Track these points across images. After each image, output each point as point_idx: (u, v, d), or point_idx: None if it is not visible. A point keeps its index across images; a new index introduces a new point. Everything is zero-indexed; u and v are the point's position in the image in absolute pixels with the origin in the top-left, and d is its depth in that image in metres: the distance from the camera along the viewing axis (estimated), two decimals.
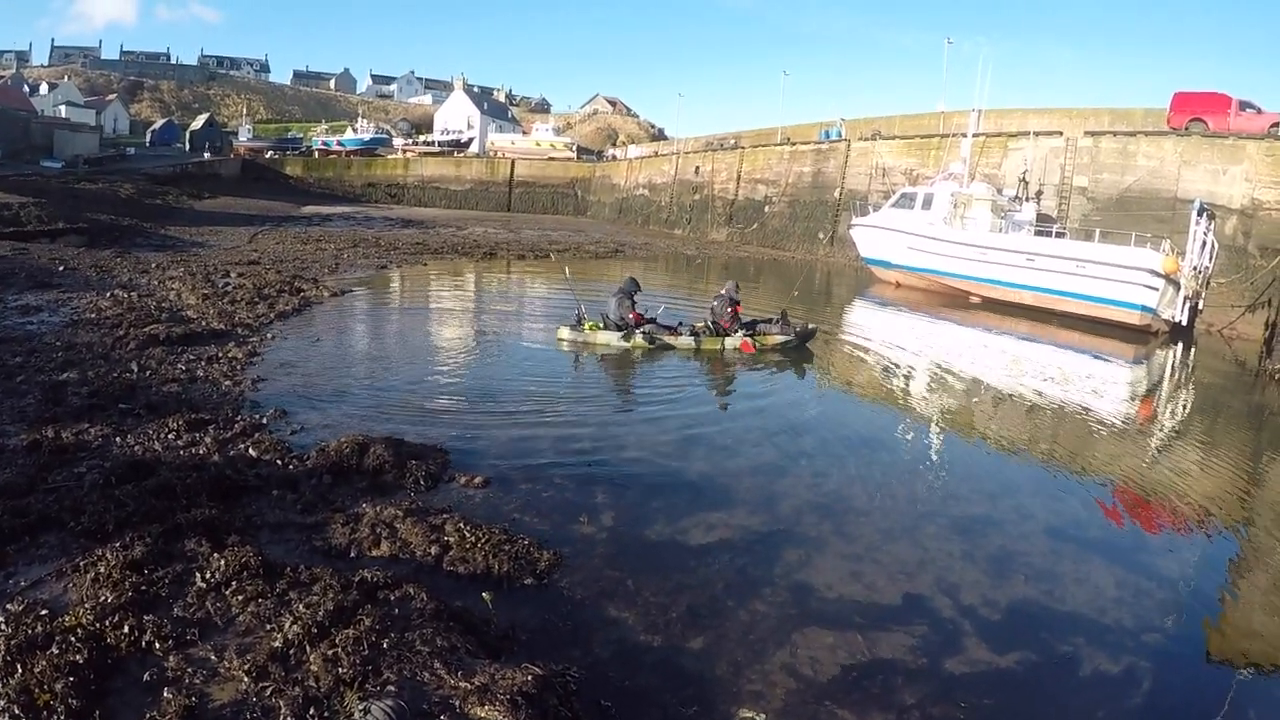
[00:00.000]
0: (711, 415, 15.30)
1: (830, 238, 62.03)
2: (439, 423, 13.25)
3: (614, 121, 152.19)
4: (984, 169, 51.20)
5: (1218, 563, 11.64)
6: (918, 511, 11.54)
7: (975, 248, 40.63)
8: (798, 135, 74.66)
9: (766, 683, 7.03)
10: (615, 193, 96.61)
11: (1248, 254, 39.28)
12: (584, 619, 7.69)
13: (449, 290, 30.61)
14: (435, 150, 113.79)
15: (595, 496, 10.61)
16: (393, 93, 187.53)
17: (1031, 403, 19.81)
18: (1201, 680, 8.22)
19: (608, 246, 54.70)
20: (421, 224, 63.99)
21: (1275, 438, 20.56)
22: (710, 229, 75.76)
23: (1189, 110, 45.55)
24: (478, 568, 8.33)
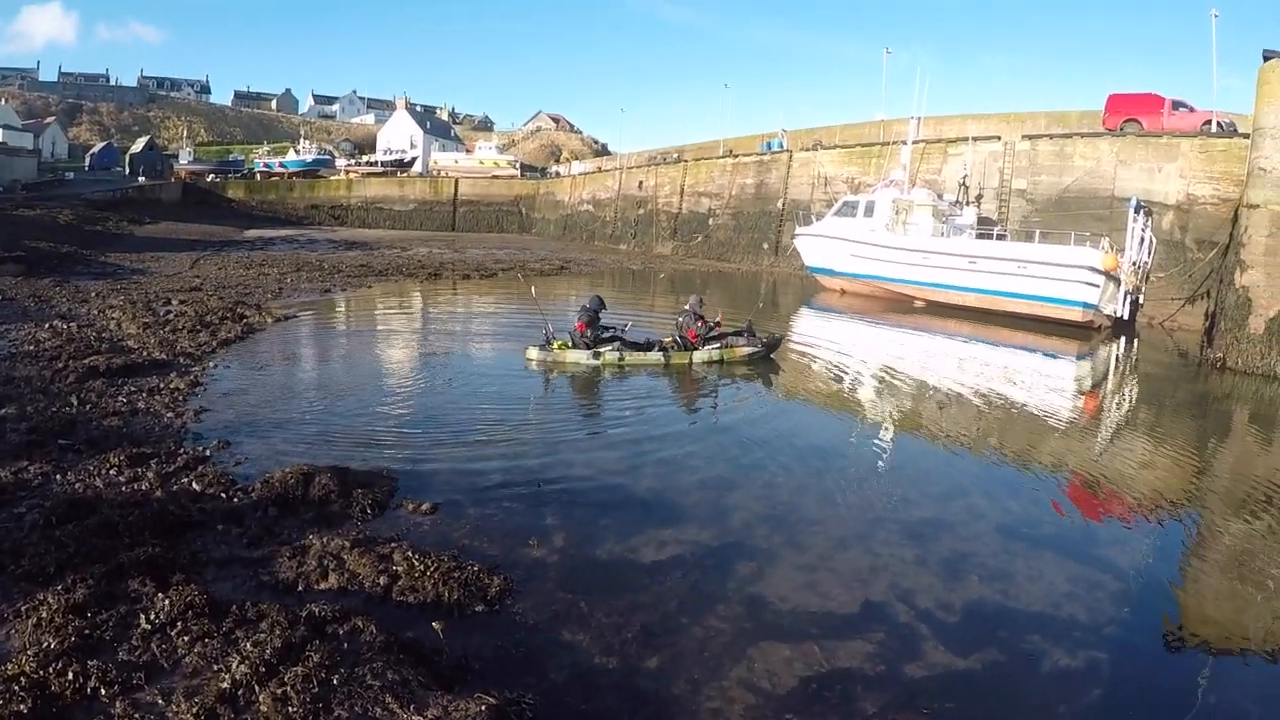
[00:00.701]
0: (660, 431, 15.15)
1: (775, 248, 62.41)
2: (386, 449, 13.07)
3: (557, 138, 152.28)
4: (924, 175, 51.72)
5: (1171, 551, 11.82)
6: (869, 518, 11.53)
7: (918, 253, 41.16)
8: (740, 147, 74.92)
9: (725, 699, 6.97)
10: (560, 209, 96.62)
11: (1185, 248, 40.47)
12: (537, 644, 7.59)
13: (395, 313, 30.40)
14: (378, 170, 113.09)
15: (545, 518, 10.50)
16: (335, 113, 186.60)
17: (979, 403, 19.95)
18: (1162, 668, 8.32)
19: (553, 264, 54.65)
20: (366, 245, 63.55)
21: (1219, 425, 20.98)
22: (655, 243, 75.95)
23: (1123, 111, 46.59)
24: (428, 596, 8.19)
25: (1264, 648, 8.82)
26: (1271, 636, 9.13)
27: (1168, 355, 32.28)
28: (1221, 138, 41.37)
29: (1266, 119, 28.55)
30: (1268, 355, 26.88)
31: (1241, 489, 15.13)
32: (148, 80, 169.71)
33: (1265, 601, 10.09)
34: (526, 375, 19.70)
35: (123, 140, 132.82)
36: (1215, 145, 41.08)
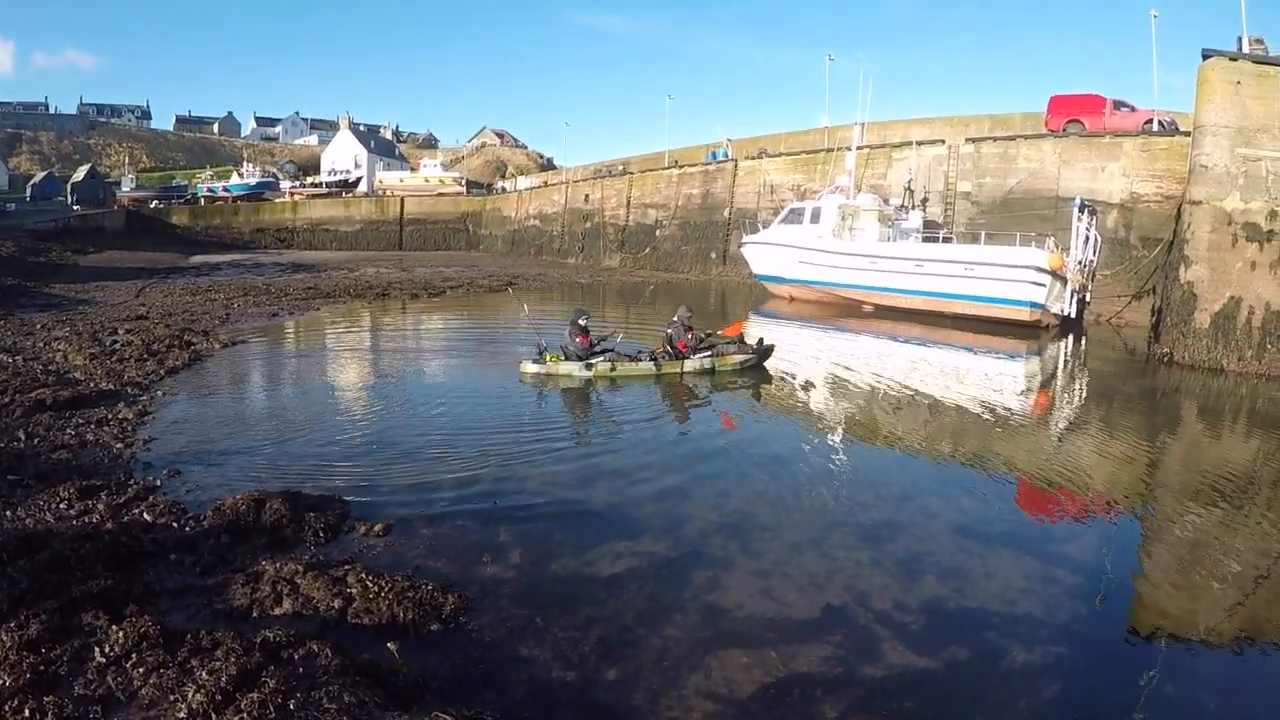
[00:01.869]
0: (613, 443, 15.12)
1: (722, 257, 62.70)
2: (338, 472, 12.92)
3: (503, 154, 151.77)
4: (870, 180, 52.17)
5: (1125, 545, 11.96)
6: (824, 522, 11.56)
7: (865, 257, 41.51)
8: (685, 158, 75.22)
9: (684, 708, 6.95)
10: (507, 225, 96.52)
11: (1130, 245, 41.02)
12: (495, 660, 7.53)
13: (343, 335, 30.09)
14: (323, 191, 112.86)
15: (499, 535, 10.42)
16: (278, 134, 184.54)
17: (930, 404, 20.14)
18: (1119, 661, 8.35)
19: (501, 280, 54.32)
20: (312, 268, 63.03)
21: (1168, 419, 21.26)
22: (603, 256, 76.09)
23: (1065, 112, 47.29)
24: (383, 617, 8.12)
25: (1219, 638, 8.94)
26: (1226, 627, 9.26)
27: (1116, 352, 32.69)
28: (1163, 136, 42.02)
29: (1207, 117, 29.04)
30: (1213, 349, 27.55)
31: (1192, 481, 15.36)
32: (87, 107, 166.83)
33: (1219, 592, 10.23)
34: (478, 393, 19.56)
35: (64, 169, 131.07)
36: (1157, 144, 41.71)
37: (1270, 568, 11.22)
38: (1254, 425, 20.68)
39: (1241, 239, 27.64)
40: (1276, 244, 27.28)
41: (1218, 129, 28.49)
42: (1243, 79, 28.43)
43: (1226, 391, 24.58)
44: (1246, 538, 12.25)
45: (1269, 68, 28.33)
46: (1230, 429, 20.43)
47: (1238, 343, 27.07)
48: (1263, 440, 19.08)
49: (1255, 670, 8.46)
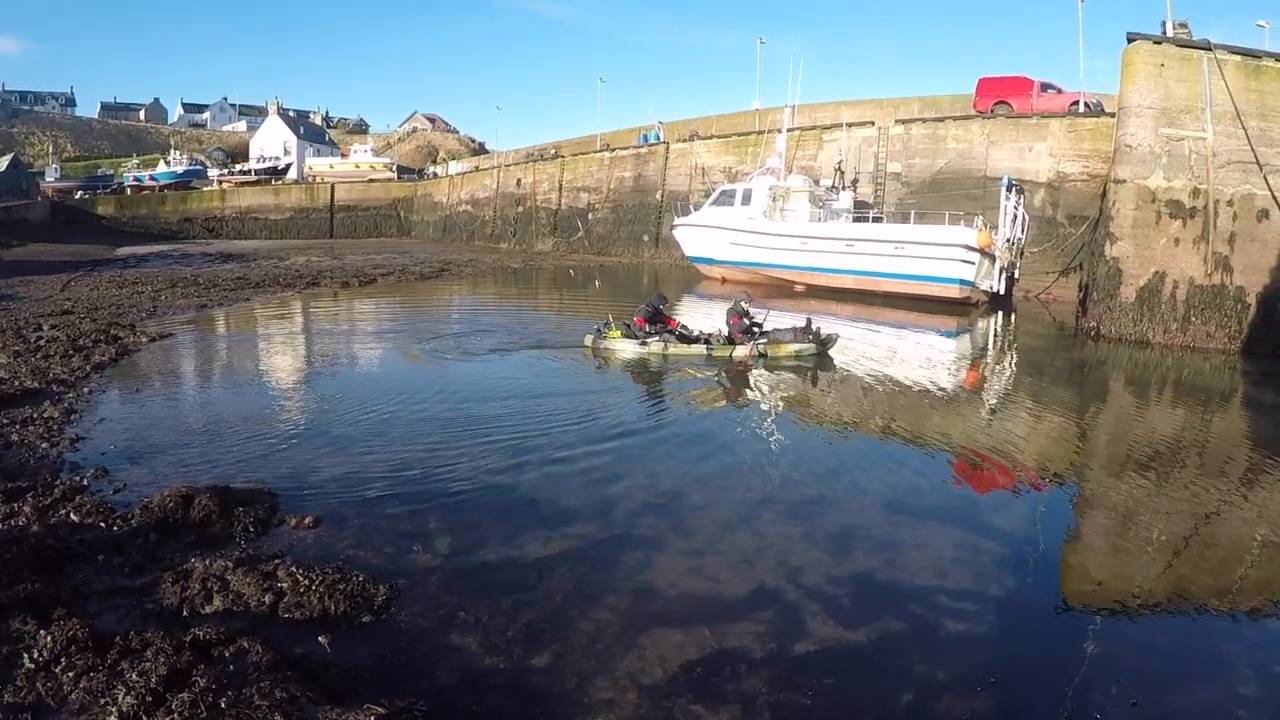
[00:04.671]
0: (544, 427, 14.97)
1: (655, 239, 62.81)
2: (268, 464, 12.72)
3: (434, 138, 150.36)
4: (801, 162, 52.58)
5: (1056, 515, 12.16)
6: (755, 499, 11.59)
7: (795, 238, 41.95)
8: (617, 141, 75.34)
9: (616, 689, 6.94)
10: (439, 211, 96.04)
11: (1057, 223, 42.17)
12: (425, 650, 7.47)
13: (274, 325, 29.69)
14: (252, 179, 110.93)
15: (430, 523, 10.29)
16: (205, 121, 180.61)
17: (863, 382, 20.23)
18: (1050, 628, 8.48)
19: (433, 267, 54.12)
20: (242, 257, 62.13)
21: (1097, 390, 21.89)
22: (536, 240, 76.02)
23: (994, 94, 48.33)
24: (314, 611, 8.02)
25: (1150, 604, 9.12)
26: (1157, 592, 9.45)
27: (1044, 327, 33.33)
28: (1089, 117, 43.28)
29: (1131, 98, 29.68)
30: (1139, 322, 28.39)
31: (1121, 451, 15.78)
32: (9, 95, 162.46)
33: (1150, 559, 10.44)
34: (408, 381, 19.31)
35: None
36: (1083, 124, 42.81)
37: (1197, 532, 11.49)
38: (1179, 395, 21.28)
39: (1165, 216, 28.32)
40: (1199, 220, 28.00)
41: (1142, 110, 29.15)
42: (1166, 62, 29.11)
43: (1152, 363, 25.17)
44: (1174, 504, 12.54)
45: (1192, 51, 28.97)
46: (1157, 399, 20.95)
47: (1163, 316, 27.91)
48: (1188, 409, 19.59)
49: (1183, 632, 8.60)
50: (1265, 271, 27.42)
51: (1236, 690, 7.41)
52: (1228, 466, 14.93)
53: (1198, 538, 11.29)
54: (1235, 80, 28.29)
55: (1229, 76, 28.23)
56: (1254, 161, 27.83)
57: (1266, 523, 11.92)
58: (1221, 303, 27.49)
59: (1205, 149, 28.36)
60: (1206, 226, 27.97)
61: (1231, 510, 12.40)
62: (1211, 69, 28.34)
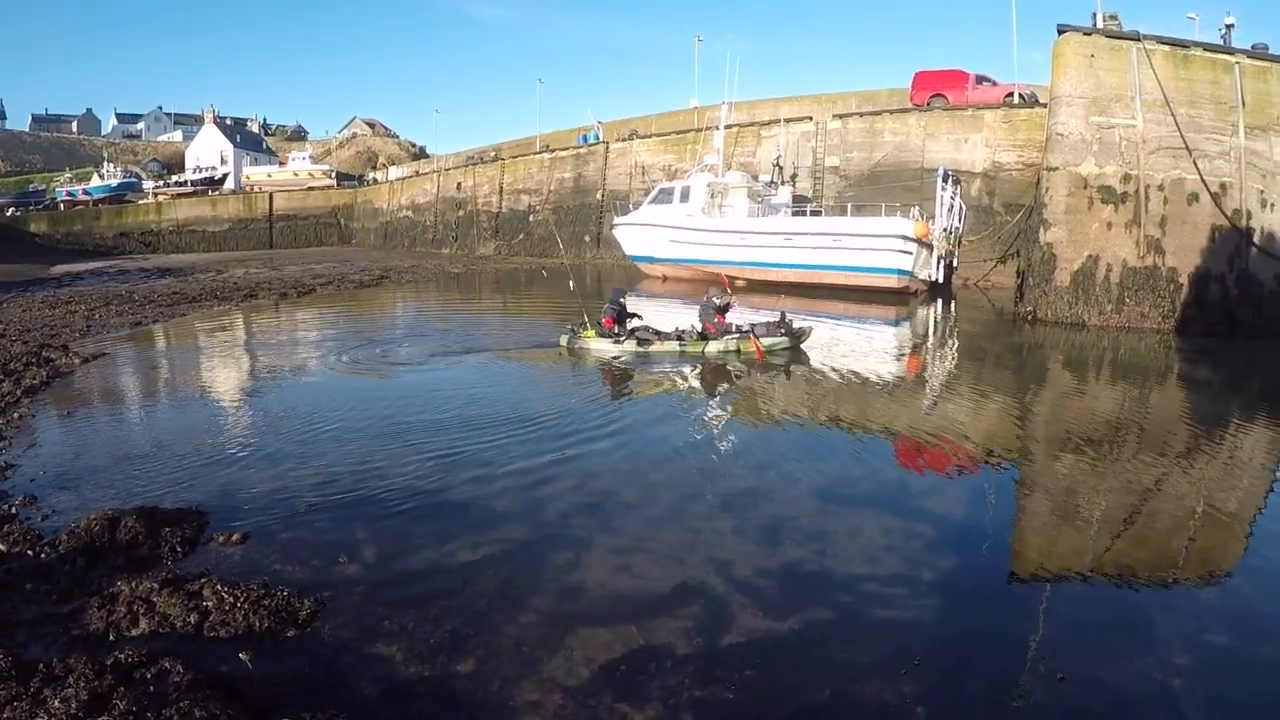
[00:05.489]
0: (479, 432, 14.80)
1: (596, 239, 62.94)
2: (199, 482, 12.42)
3: (374, 143, 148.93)
4: (740, 158, 53.03)
5: (997, 496, 12.38)
6: (686, 494, 11.60)
7: (735, 234, 42.40)
8: (557, 142, 75.34)
9: (542, 691, 6.90)
10: (379, 217, 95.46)
11: (994, 212, 43.22)
12: (349, 662, 7.39)
13: (209, 340, 29.24)
14: (188, 191, 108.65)
15: (357, 534, 10.16)
16: (140, 131, 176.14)
17: (804, 372, 20.47)
18: (983, 609, 8.60)
19: (373, 275, 53.69)
20: (179, 271, 61.09)
21: (1036, 372, 22.32)
22: (477, 244, 75.94)
23: (930, 87, 49.11)
24: (239, 628, 7.90)
25: (1083, 579, 9.33)
26: (1090, 568, 9.64)
27: (983, 313, 33.98)
28: (1024, 108, 44.41)
29: (1062, 88, 30.36)
30: (1075, 305, 29.21)
31: (1061, 430, 16.12)
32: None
33: (1083, 536, 10.66)
34: (340, 391, 19.11)
35: None
36: (1018, 115, 43.88)
37: (1132, 508, 11.69)
38: (1116, 375, 21.82)
39: (1097, 201, 28.98)
40: (1131, 205, 28.69)
41: (1073, 99, 29.93)
42: (1096, 52, 29.86)
43: (1089, 344, 25.75)
44: (1109, 481, 12.79)
45: (1121, 41, 29.72)
46: (1094, 379, 21.50)
47: (1097, 298, 28.69)
48: (1124, 388, 20.10)
49: (1117, 606, 8.72)
50: (1196, 253, 28.18)
51: (1170, 660, 7.48)
52: (1163, 443, 15.27)
53: (1132, 513, 11.47)
54: (1164, 70, 28.92)
55: (1158, 66, 28.85)
56: (1183, 147, 28.51)
57: (1201, 497, 12.18)
58: (1154, 284, 28.27)
59: (1136, 136, 28.94)
60: (1138, 211, 28.56)
61: (1166, 485, 12.70)
62: (1141, 59, 29.02)
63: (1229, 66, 29.23)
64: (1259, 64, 29.52)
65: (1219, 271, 28.18)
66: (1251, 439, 15.94)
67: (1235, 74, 29.13)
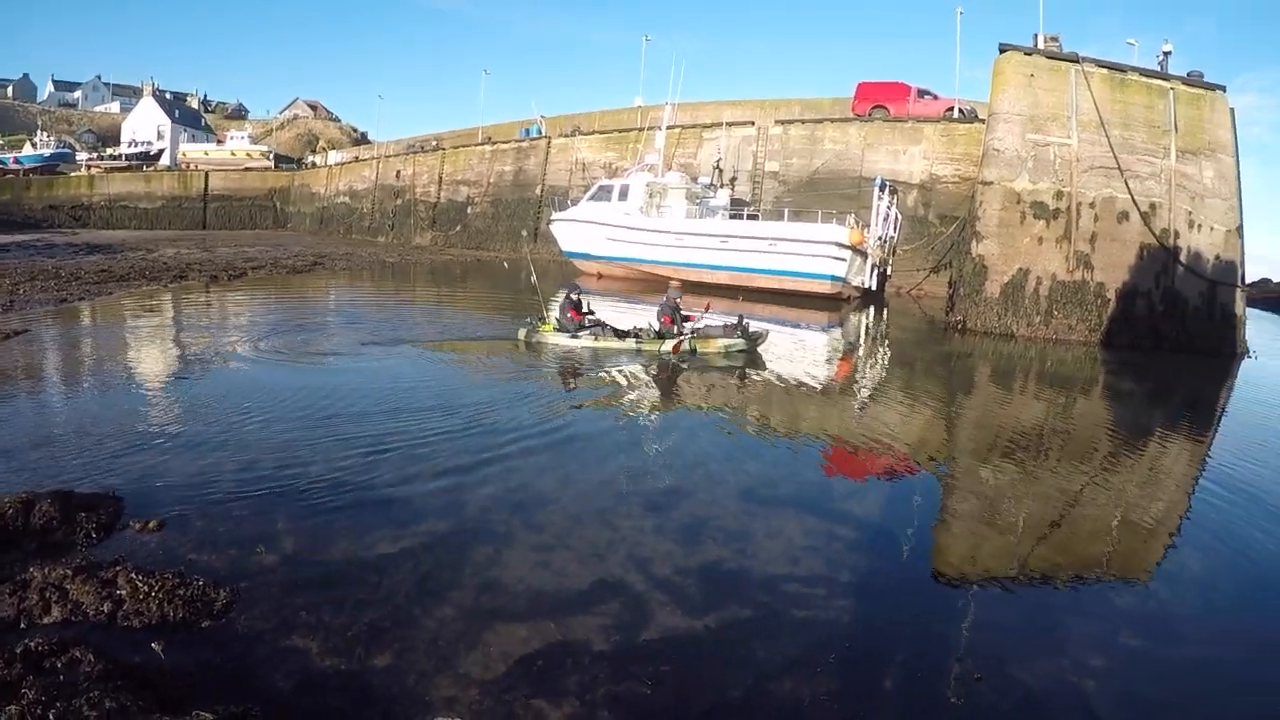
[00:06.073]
0: (405, 424, 14.64)
1: (533, 234, 62.59)
2: (117, 466, 12.10)
3: (315, 126, 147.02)
4: (681, 159, 53.19)
5: (914, 499, 12.61)
6: (609, 493, 11.60)
7: (672, 234, 42.60)
8: (499, 134, 75.05)
9: (459, 686, 6.87)
10: (316, 202, 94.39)
11: (929, 223, 44.16)
12: (264, 654, 7.28)
13: (136, 320, 28.55)
14: (123, 165, 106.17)
15: (276, 524, 10.00)
16: (77, 100, 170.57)
17: (734, 374, 20.51)
18: (901, 609, 8.70)
19: (307, 260, 53.08)
20: (109, 249, 59.72)
21: (964, 381, 22.79)
22: (414, 234, 75.46)
23: (872, 98, 49.85)
24: (153, 618, 7.75)
25: (1000, 583, 9.48)
26: (1007, 571, 9.85)
27: (914, 321, 34.53)
28: (963, 123, 45.36)
29: (1001, 105, 31.18)
30: (1003, 316, 30.06)
31: (985, 437, 16.54)
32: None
33: (1003, 540, 10.90)
34: (265, 378, 18.74)
35: None
36: (957, 129, 44.71)
37: (1052, 513, 12.04)
38: (1043, 384, 22.34)
39: (1029, 216, 29.64)
40: (1062, 221, 29.39)
41: (1010, 116, 30.77)
42: (1036, 72, 30.82)
43: (1016, 354, 26.31)
44: (1032, 487, 13.18)
45: (1061, 63, 30.72)
46: (1020, 388, 21.91)
47: (1026, 310, 29.43)
48: (1051, 397, 20.52)
49: (1034, 609, 8.95)
50: (1124, 269, 28.89)
51: (1086, 662, 7.67)
52: (1086, 451, 15.73)
53: (1054, 518, 11.78)
54: (1101, 92, 29.62)
55: (1095, 88, 29.53)
56: (1116, 167, 29.20)
57: (1121, 504, 12.53)
58: (1082, 298, 29.02)
59: (1070, 154, 29.58)
60: (1069, 227, 29.17)
61: (1088, 492, 13.05)
62: (1079, 80, 29.76)
63: (1164, 92, 30.01)
64: (1193, 91, 30.36)
65: (1146, 288, 29.04)
66: (1171, 450, 16.50)
67: (1170, 99, 29.89)
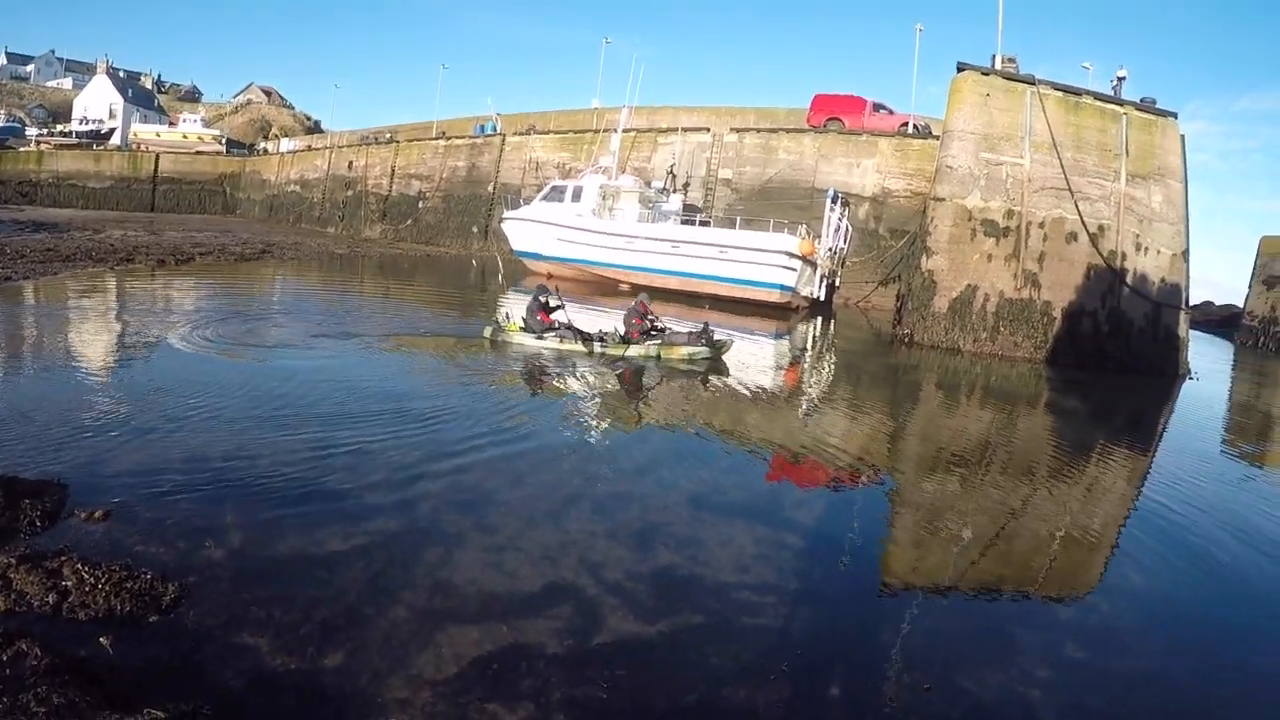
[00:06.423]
0: (352, 419, 14.49)
1: (484, 231, 62.68)
2: (62, 454, 11.79)
3: (268, 112, 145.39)
4: (635, 163, 53.31)
5: (864, 509, 12.69)
6: (560, 496, 11.56)
7: (623, 237, 42.63)
8: (454, 130, 74.87)
9: (411, 688, 6.80)
10: (266, 189, 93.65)
11: (879, 236, 44.84)
12: (214, 650, 7.16)
13: (81, 302, 28.05)
14: (73, 142, 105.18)
15: (224, 517, 9.81)
16: (29, 74, 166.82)
17: (680, 380, 20.48)
18: (853, 618, 8.82)
19: (255, 248, 52.38)
20: (55, 227, 58.57)
21: (910, 393, 23.03)
22: (364, 226, 75.02)
23: (827, 110, 50.13)
24: (99, 611, 7.57)
25: (949, 593, 9.66)
26: (956, 582, 10.02)
27: (862, 333, 34.95)
28: (917, 138, 45.94)
29: (955, 123, 31.57)
30: (950, 331, 30.41)
31: (931, 449, 16.83)
32: None
33: (951, 551, 11.09)
34: (214, 367, 18.42)
35: None
36: (911, 145, 45.30)
37: (999, 525, 12.27)
38: (988, 399, 22.68)
39: (980, 234, 29.96)
40: (1011, 239, 29.75)
41: (965, 134, 31.17)
42: (992, 92, 31.26)
43: (962, 369, 26.66)
44: (978, 500, 13.42)
45: (1017, 84, 31.19)
46: (966, 402, 22.13)
47: (973, 326, 29.78)
48: (995, 412, 20.71)
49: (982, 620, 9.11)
50: (1071, 289, 29.31)
51: (1033, 672, 7.81)
52: (1031, 465, 16.09)
53: (999, 530, 11.99)
54: (1055, 114, 30.08)
55: (1049, 110, 29.97)
56: (1067, 188, 29.62)
57: (1064, 517, 12.78)
58: (1029, 315, 29.43)
59: (1022, 174, 29.92)
60: (1019, 245, 29.51)
61: (1032, 505, 13.35)
62: (1034, 102, 30.17)
63: (1117, 116, 30.48)
64: (1146, 116, 30.84)
65: (1092, 308, 29.52)
66: (1114, 466, 16.90)
67: (1122, 124, 30.34)
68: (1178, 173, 31.24)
